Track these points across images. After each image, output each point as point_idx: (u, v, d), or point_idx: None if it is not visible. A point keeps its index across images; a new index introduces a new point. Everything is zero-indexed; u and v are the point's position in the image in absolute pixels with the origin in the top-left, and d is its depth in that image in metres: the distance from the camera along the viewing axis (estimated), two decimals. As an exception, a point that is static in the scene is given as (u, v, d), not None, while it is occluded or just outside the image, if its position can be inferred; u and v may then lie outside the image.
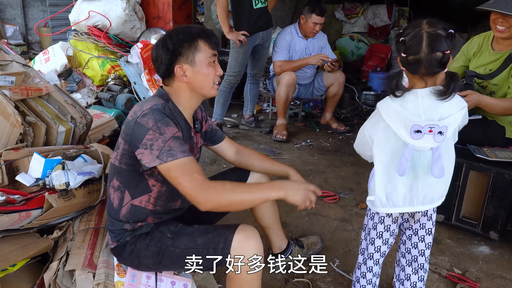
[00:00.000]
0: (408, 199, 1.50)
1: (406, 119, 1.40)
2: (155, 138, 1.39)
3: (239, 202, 1.41)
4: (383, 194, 1.50)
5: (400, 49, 1.38)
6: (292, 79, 3.82)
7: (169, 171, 1.39)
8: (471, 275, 2.08)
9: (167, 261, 1.53)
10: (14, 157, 1.79)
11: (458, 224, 2.40)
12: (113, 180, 1.58)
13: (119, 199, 1.57)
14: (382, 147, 1.47)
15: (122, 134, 1.52)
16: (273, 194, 1.43)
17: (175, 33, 1.54)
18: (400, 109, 1.40)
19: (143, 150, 1.40)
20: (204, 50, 1.53)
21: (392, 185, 1.49)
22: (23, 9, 6.71)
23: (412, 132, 1.40)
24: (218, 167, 3.21)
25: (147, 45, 3.78)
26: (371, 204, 1.57)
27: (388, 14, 6.21)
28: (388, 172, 1.48)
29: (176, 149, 1.39)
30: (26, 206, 1.65)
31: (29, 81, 2.14)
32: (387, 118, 1.43)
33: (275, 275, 2.04)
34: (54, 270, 1.56)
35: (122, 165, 1.53)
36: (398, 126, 1.42)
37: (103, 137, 2.81)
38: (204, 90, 1.57)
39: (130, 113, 1.50)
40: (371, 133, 1.50)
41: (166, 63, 1.54)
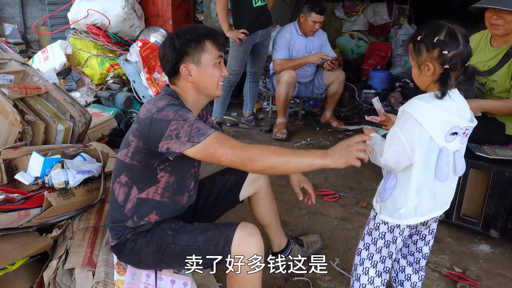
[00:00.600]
0: (432, 205, 1.47)
1: (445, 122, 1.36)
2: (179, 126, 1.39)
3: (285, 164, 1.35)
4: (413, 205, 1.45)
5: (439, 49, 1.34)
6: (292, 78, 3.81)
7: (206, 148, 1.37)
8: (471, 274, 2.08)
9: (167, 259, 1.53)
10: (13, 155, 1.78)
11: (458, 223, 2.39)
12: (121, 176, 1.57)
13: (125, 194, 1.56)
14: (418, 155, 1.39)
15: (135, 133, 1.51)
16: (319, 161, 1.33)
17: (183, 32, 1.55)
18: (439, 111, 1.35)
19: (169, 141, 1.40)
20: (211, 51, 1.54)
21: (421, 193, 1.44)
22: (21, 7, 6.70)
23: (448, 135, 1.37)
24: (218, 166, 3.19)
25: (146, 44, 3.77)
26: (399, 216, 1.47)
27: (389, 12, 6.20)
28: (421, 180, 1.43)
29: (204, 128, 1.40)
30: (25, 204, 1.64)
31: (28, 80, 2.13)
32: (425, 122, 1.34)
33: (275, 274, 2.04)
34: (54, 268, 1.56)
35: (134, 161, 1.53)
36: (435, 129, 1.36)
37: (102, 136, 2.81)
38: (209, 91, 1.58)
39: (141, 112, 1.50)
40: (411, 140, 1.36)
41: (172, 62, 1.55)
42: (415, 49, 1.40)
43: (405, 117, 1.37)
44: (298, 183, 1.90)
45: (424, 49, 1.37)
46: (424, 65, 1.39)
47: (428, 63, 1.37)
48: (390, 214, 1.49)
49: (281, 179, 2.95)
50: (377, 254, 1.57)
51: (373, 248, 1.58)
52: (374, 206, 1.58)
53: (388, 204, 1.49)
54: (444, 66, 1.34)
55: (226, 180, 1.88)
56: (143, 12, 4.36)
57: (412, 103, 1.38)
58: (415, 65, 1.43)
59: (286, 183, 2.90)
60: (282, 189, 2.86)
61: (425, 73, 1.40)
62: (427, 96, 1.39)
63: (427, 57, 1.37)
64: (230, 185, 1.87)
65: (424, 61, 1.38)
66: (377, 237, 1.56)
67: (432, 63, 1.37)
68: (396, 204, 1.46)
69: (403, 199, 1.45)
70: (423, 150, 1.38)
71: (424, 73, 1.40)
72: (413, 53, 1.42)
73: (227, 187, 1.88)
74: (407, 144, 1.36)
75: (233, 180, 1.89)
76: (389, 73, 5.52)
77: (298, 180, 1.90)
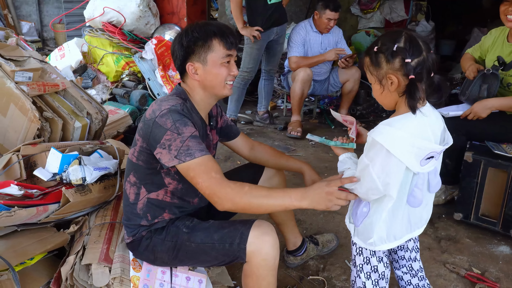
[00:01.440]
0: (406, 228, 1.37)
1: (420, 149, 1.21)
2: (173, 138, 1.40)
3: (256, 206, 1.37)
4: (384, 231, 1.34)
5: (400, 57, 1.20)
6: (308, 75, 3.78)
7: (188, 171, 1.40)
8: (490, 275, 2.04)
9: (183, 256, 1.53)
10: (32, 152, 1.80)
11: (477, 223, 2.35)
12: (130, 176, 1.59)
13: (135, 194, 1.58)
14: (392, 188, 1.26)
15: (140, 132, 1.52)
16: (295, 203, 1.34)
17: (191, 30, 1.53)
18: (413, 138, 1.20)
19: (162, 150, 1.42)
20: (218, 50, 1.52)
21: (393, 219, 1.33)
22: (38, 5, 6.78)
23: (423, 160, 1.23)
24: (233, 163, 3.21)
25: (161, 41, 3.79)
26: (370, 244, 1.36)
27: (406, 9, 6.10)
28: (394, 207, 1.31)
29: (194, 148, 1.40)
30: (44, 200, 1.66)
31: (46, 77, 2.15)
32: (399, 153, 1.20)
33: (290, 272, 2.03)
34: (71, 264, 1.57)
35: (140, 162, 1.55)
36: (410, 158, 1.21)
37: (118, 133, 2.83)
38: (215, 90, 1.57)
39: (148, 111, 1.51)
40: (384, 175, 1.23)
41: (180, 59, 1.55)
42: (373, 62, 1.25)
43: (376, 148, 1.22)
44: (312, 183, 1.86)
45: (383, 60, 1.23)
46: (385, 79, 1.24)
47: (390, 75, 1.22)
48: (362, 240, 1.38)
49: (296, 178, 2.93)
50: (368, 281, 1.44)
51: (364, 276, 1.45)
52: (348, 226, 1.46)
53: (360, 230, 1.38)
54: (409, 77, 1.19)
55: (241, 178, 1.84)
56: (158, 9, 4.39)
57: (382, 131, 1.22)
58: (375, 81, 1.27)
59: (301, 182, 2.86)
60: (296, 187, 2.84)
61: (388, 88, 1.25)
62: (397, 120, 1.24)
63: (388, 69, 1.23)
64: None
65: (385, 74, 1.23)
66: (362, 263, 1.44)
67: (395, 75, 1.22)
68: (367, 231, 1.36)
69: (372, 228, 1.34)
70: (397, 182, 1.25)
71: (387, 88, 1.25)
72: (371, 67, 1.27)
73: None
74: (379, 181, 1.23)
75: (248, 178, 1.86)
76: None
77: (313, 179, 1.88)
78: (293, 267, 2.07)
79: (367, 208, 1.35)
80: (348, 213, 1.47)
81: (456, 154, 2.37)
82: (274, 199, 1.36)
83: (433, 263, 2.11)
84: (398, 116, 1.27)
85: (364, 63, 1.31)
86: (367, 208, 1.35)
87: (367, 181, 1.25)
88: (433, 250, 2.22)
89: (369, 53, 1.28)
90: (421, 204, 1.34)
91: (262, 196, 1.37)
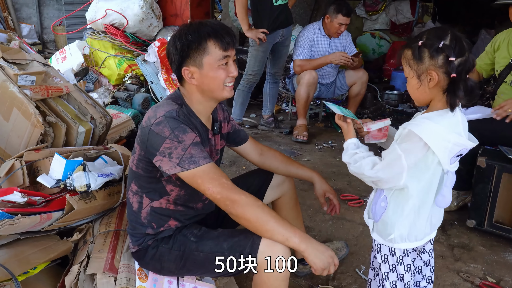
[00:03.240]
0: (428, 230, 1.37)
1: (455, 145, 1.23)
2: (173, 146, 1.37)
3: (262, 223, 1.36)
4: (406, 229, 1.33)
5: (444, 55, 1.19)
6: (313, 78, 3.73)
7: (194, 178, 1.38)
8: (506, 284, 1.99)
9: (191, 266, 1.50)
10: (35, 158, 1.77)
11: (491, 230, 2.30)
12: (132, 184, 1.56)
13: (138, 202, 1.55)
14: (420, 178, 1.28)
15: (138, 140, 1.50)
16: (295, 240, 1.35)
17: (184, 32, 1.46)
18: (449, 133, 1.22)
19: (162, 158, 1.39)
20: (213, 52, 1.45)
21: (418, 218, 1.33)
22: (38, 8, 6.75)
23: (454, 157, 1.26)
24: (238, 168, 3.16)
25: (164, 44, 3.74)
26: (389, 240, 1.35)
27: (412, 10, 6.05)
28: (421, 205, 1.32)
29: (198, 155, 1.38)
30: (47, 208, 1.63)
31: (49, 81, 2.12)
32: (436, 146, 1.21)
33: (299, 281, 1.98)
34: (75, 273, 1.54)
35: (139, 170, 1.51)
36: (445, 154, 1.23)
37: (120, 138, 2.79)
38: (214, 93, 1.51)
39: (144, 118, 1.47)
40: (415, 169, 1.26)
41: (176, 64, 1.50)
42: (415, 56, 1.24)
43: (412, 141, 1.22)
44: (323, 193, 1.84)
45: (427, 55, 1.22)
46: (425, 75, 1.23)
47: (431, 71, 1.22)
48: (382, 236, 1.37)
49: (303, 183, 2.88)
50: None
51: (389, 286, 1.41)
52: (366, 222, 1.44)
53: (379, 225, 1.37)
54: (451, 75, 1.19)
55: (250, 184, 1.83)
56: (161, 11, 4.35)
57: (421, 124, 1.23)
58: (414, 75, 1.26)
59: (309, 188, 2.83)
60: (305, 194, 2.79)
61: (426, 84, 1.24)
62: (435, 115, 1.25)
63: (430, 65, 1.21)
64: (254, 189, 1.82)
65: (426, 69, 1.22)
66: (387, 271, 1.39)
67: (436, 72, 1.21)
68: (386, 228, 1.35)
69: (392, 223, 1.33)
70: (427, 174, 1.26)
71: (425, 84, 1.24)
72: (412, 61, 1.25)
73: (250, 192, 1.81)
74: (405, 169, 1.24)
75: (257, 184, 1.85)
76: (412, 74, 5.40)
77: (324, 189, 1.84)
78: (302, 275, 2.02)
79: (385, 202, 1.34)
80: (367, 208, 1.45)
81: (468, 159, 2.30)
82: (281, 226, 1.36)
83: (447, 272, 2.06)
84: (436, 111, 1.26)
85: (404, 56, 1.29)
86: (385, 202, 1.34)
87: (396, 170, 1.26)
88: (446, 258, 2.17)
89: (412, 46, 1.26)
90: (448, 204, 1.33)
91: (272, 217, 1.37)
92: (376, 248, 1.42)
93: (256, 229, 1.39)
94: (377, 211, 1.37)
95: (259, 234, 1.40)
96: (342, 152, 1.45)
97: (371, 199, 1.43)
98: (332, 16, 3.73)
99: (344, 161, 1.41)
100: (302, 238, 1.36)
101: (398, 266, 1.38)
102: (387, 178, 1.29)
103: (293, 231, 1.37)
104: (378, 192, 1.38)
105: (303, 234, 1.38)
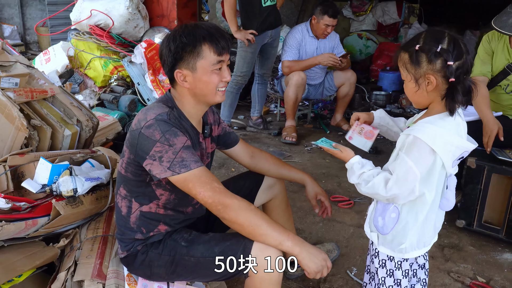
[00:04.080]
0: (433, 234, 1.37)
1: (457, 148, 1.22)
2: (164, 150, 1.35)
3: (254, 227, 1.35)
4: (415, 237, 1.31)
5: (442, 59, 1.18)
6: (302, 79, 3.73)
7: (185, 182, 1.36)
8: (496, 284, 2.00)
9: (181, 271, 1.47)
10: (19, 162, 1.73)
11: (480, 230, 2.31)
12: (120, 188, 1.53)
13: (127, 207, 1.52)
14: (433, 183, 1.26)
15: (127, 143, 1.47)
16: (288, 244, 1.34)
17: (179, 34, 1.43)
18: (452, 136, 1.21)
19: (152, 161, 1.37)
20: (208, 56, 1.42)
21: (426, 224, 1.32)
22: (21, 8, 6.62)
23: (455, 160, 1.25)
24: (227, 170, 3.13)
25: (151, 45, 3.70)
26: (400, 251, 1.33)
27: (398, 11, 6.10)
28: (428, 212, 1.30)
29: (189, 159, 1.36)
30: (32, 213, 1.59)
31: (33, 83, 2.07)
32: (441, 151, 1.20)
33: (290, 284, 1.97)
34: (62, 280, 1.51)
35: (128, 174, 1.49)
36: (448, 157, 1.22)
37: (107, 140, 2.75)
38: (206, 98, 1.49)
39: (134, 121, 1.44)
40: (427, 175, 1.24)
41: (169, 66, 1.47)
42: (413, 60, 1.22)
43: (418, 148, 1.20)
44: (315, 195, 1.83)
45: (424, 59, 1.20)
46: (423, 79, 1.22)
47: (429, 75, 1.20)
48: (391, 248, 1.34)
49: (293, 185, 2.87)
50: None
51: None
52: (369, 236, 1.40)
53: (389, 237, 1.33)
54: (449, 79, 1.18)
55: (241, 187, 1.81)
56: (147, 12, 4.31)
57: (424, 129, 1.21)
58: (411, 79, 1.25)
59: (299, 189, 2.82)
60: (295, 196, 2.78)
61: (424, 88, 1.23)
62: (437, 119, 1.24)
63: (427, 69, 1.20)
64: (245, 191, 1.80)
65: (424, 73, 1.21)
66: (385, 276, 1.38)
67: (434, 76, 1.20)
68: (398, 238, 1.31)
69: (405, 233, 1.30)
70: (434, 180, 1.25)
71: (423, 88, 1.23)
72: (410, 65, 1.24)
73: (241, 194, 1.80)
74: (418, 179, 1.22)
75: (248, 187, 1.83)
76: (399, 74, 5.42)
77: (315, 191, 1.83)
78: (293, 278, 2.00)
79: (395, 213, 1.31)
80: (368, 221, 1.41)
81: (458, 159, 2.33)
82: (274, 230, 1.35)
83: (437, 272, 2.07)
84: (437, 115, 1.25)
85: (400, 59, 1.28)
86: (395, 213, 1.31)
87: (410, 183, 1.23)
88: (436, 258, 2.17)
89: (408, 50, 1.24)
90: (452, 207, 1.33)
91: (265, 221, 1.36)
92: (374, 253, 1.40)
93: (249, 233, 1.37)
94: (387, 224, 1.32)
95: (252, 238, 1.38)
96: (347, 173, 1.38)
97: (371, 211, 1.39)
98: (318, 18, 3.73)
99: (352, 182, 1.35)
100: (295, 242, 1.35)
101: (396, 271, 1.36)
102: (402, 194, 1.24)
103: (286, 235, 1.36)
104: (384, 203, 1.33)
105: (296, 238, 1.37)
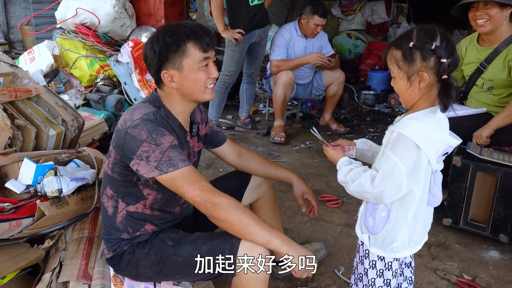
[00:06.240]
0: (423, 232, 1.36)
1: (441, 143, 1.24)
2: (151, 149, 1.35)
3: (243, 226, 1.35)
4: (406, 236, 1.31)
5: (436, 56, 1.19)
6: (290, 79, 3.73)
7: (173, 181, 1.36)
8: (481, 281, 2.02)
9: (168, 271, 1.47)
10: (3, 162, 1.72)
11: (466, 228, 2.34)
12: (107, 189, 1.52)
13: (113, 207, 1.51)
14: (419, 179, 1.26)
15: (113, 143, 1.46)
16: (276, 242, 1.35)
17: (162, 34, 1.43)
18: (436, 132, 1.22)
19: (139, 161, 1.36)
20: (193, 54, 1.42)
21: (416, 222, 1.32)
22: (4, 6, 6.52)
23: (440, 156, 1.27)
24: (215, 171, 3.12)
25: (138, 44, 3.68)
26: (391, 250, 1.31)
27: (387, 11, 6.12)
28: (417, 209, 1.30)
29: (176, 158, 1.36)
30: (16, 214, 1.58)
31: (17, 82, 2.05)
32: (425, 146, 1.20)
33: (278, 283, 1.97)
34: (47, 282, 1.50)
35: (115, 174, 1.48)
36: (433, 153, 1.24)
37: (93, 141, 2.72)
38: (195, 96, 1.49)
39: (120, 121, 1.44)
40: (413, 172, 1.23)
41: (155, 68, 1.46)
42: (406, 58, 1.22)
43: (403, 144, 1.20)
44: (301, 194, 1.84)
45: (418, 57, 1.21)
46: (416, 76, 1.22)
47: (423, 73, 1.21)
48: (383, 248, 1.32)
49: (281, 185, 2.87)
50: None
51: None
52: (361, 237, 1.38)
53: (380, 237, 1.32)
54: (442, 76, 1.20)
55: (228, 186, 1.80)
56: (134, 11, 4.29)
57: (409, 125, 1.21)
58: (403, 77, 1.24)
59: (287, 189, 2.82)
60: (283, 195, 2.79)
61: (416, 85, 1.23)
62: (421, 115, 1.24)
63: (421, 67, 1.21)
64: (232, 191, 1.79)
65: (418, 71, 1.22)
66: (374, 276, 1.37)
67: (427, 73, 1.21)
68: (389, 237, 1.31)
69: (396, 231, 1.30)
70: (420, 176, 1.25)
71: (415, 85, 1.23)
72: (402, 62, 1.23)
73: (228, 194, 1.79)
74: (404, 175, 1.21)
75: (235, 186, 1.83)
76: (388, 74, 5.44)
77: (302, 191, 1.84)
78: (280, 278, 2.00)
79: (385, 212, 1.30)
80: (359, 222, 1.41)
81: (444, 157, 2.36)
82: (262, 229, 1.36)
83: (424, 270, 2.08)
84: (421, 111, 1.26)
85: (392, 57, 1.27)
86: (385, 212, 1.30)
87: (396, 179, 1.22)
88: (423, 257, 2.19)
89: (401, 47, 1.24)
90: (439, 202, 1.34)
91: (253, 220, 1.36)
92: (364, 254, 1.39)
93: (238, 231, 1.37)
94: (377, 223, 1.31)
95: (240, 237, 1.38)
96: (337, 174, 1.37)
97: (362, 212, 1.39)
98: (308, 17, 3.73)
99: (340, 180, 1.34)
100: (283, 241, 1.36)
101: (386, 271, 1.36)
102: (389, 190, 1.23)
103: (274, 234, 1.36)
104: (374, 203, 1.32)
105: (284, 237, 1.38)
